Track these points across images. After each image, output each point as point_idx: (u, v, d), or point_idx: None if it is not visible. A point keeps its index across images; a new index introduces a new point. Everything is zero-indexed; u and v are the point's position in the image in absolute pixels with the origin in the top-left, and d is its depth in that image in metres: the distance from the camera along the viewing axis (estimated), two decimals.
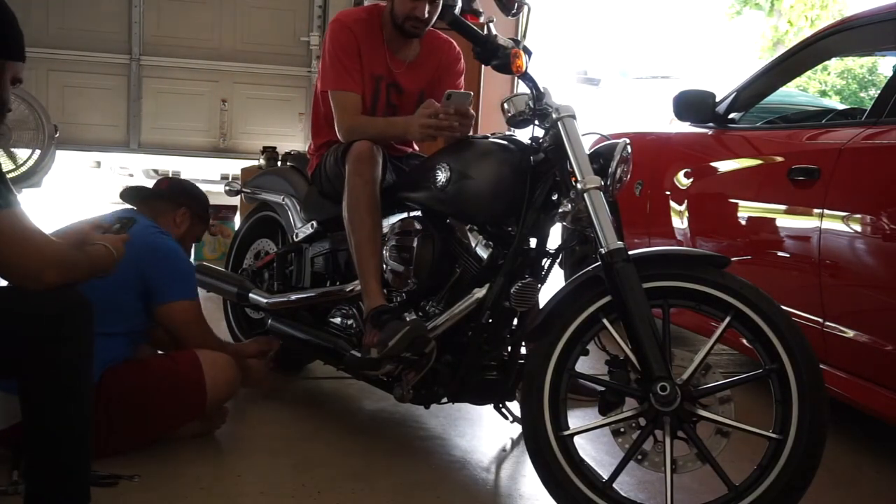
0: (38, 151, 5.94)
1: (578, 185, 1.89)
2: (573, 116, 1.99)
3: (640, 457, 1.79)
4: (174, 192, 2.51)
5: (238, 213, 4.90)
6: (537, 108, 2.05)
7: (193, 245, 2.63)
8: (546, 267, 2.18)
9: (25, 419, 1.59)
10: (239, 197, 3.81)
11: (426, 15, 2.36)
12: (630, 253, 1.82)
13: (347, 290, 2.44)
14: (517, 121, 2.09)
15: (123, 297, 2.13)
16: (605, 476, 1.81)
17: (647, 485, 2.09)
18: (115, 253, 1.77)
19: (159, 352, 2.42)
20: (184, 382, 2.17)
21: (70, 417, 1.59)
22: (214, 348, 2.29)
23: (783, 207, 2.70)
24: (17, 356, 1.56)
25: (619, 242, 1.82)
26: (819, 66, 8.44)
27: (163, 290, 2.20)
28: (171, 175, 6.32)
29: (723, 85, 3.45)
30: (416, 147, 2.67)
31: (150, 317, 2.23)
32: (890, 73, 2.74)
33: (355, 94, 2.42)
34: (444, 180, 2.17)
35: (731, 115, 3.18)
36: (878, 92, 2.61)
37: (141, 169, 6.74)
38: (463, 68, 2.60)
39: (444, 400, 2.23)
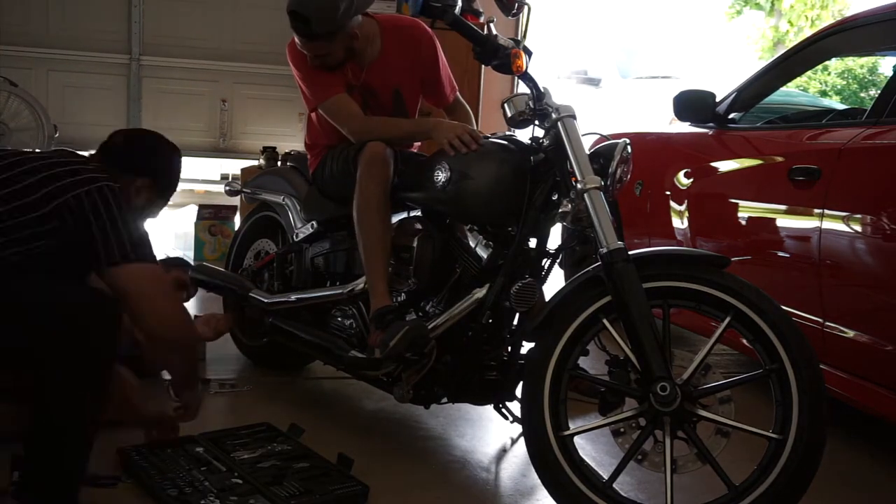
0: (37, 152, 5.93)
1: (578, 185, 1.89)
2: (573, 116, 1.99)
3: (640, 457, 1.79)
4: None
5: (238, 213, 4.90)
6: (537, 108, 2.05)
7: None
8: (546, 267, 2.18)
9: (36, 406, 1.60)
10: (239, 197, 3.81)
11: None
12: (630, 253, 1.82)
13: (347, 290, 2.43)
14: (517, 121, 2.08)
15: None
16: (605, 476, 1.81)
17: (647, 485, 2.09)
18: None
19: None
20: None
21: (81, 407, 1.61)
22: None
23: (783, 207, 2.69)
24: (35, 346, 1.58)
25: (619, 242, 1.82)
26: (819, 66, 8.44)
27: None
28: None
29: (723, 85, 3.45)
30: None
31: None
32: (890, 73, 2.74)
33: (343, 94, 2.39)
34: (444, 180, 2.16)
35: (732, 115, 3.18)
36: (879, 92, 2.62)
37: None
38: (431, 45, 2.47)
39: (444, 400, 2.23)
